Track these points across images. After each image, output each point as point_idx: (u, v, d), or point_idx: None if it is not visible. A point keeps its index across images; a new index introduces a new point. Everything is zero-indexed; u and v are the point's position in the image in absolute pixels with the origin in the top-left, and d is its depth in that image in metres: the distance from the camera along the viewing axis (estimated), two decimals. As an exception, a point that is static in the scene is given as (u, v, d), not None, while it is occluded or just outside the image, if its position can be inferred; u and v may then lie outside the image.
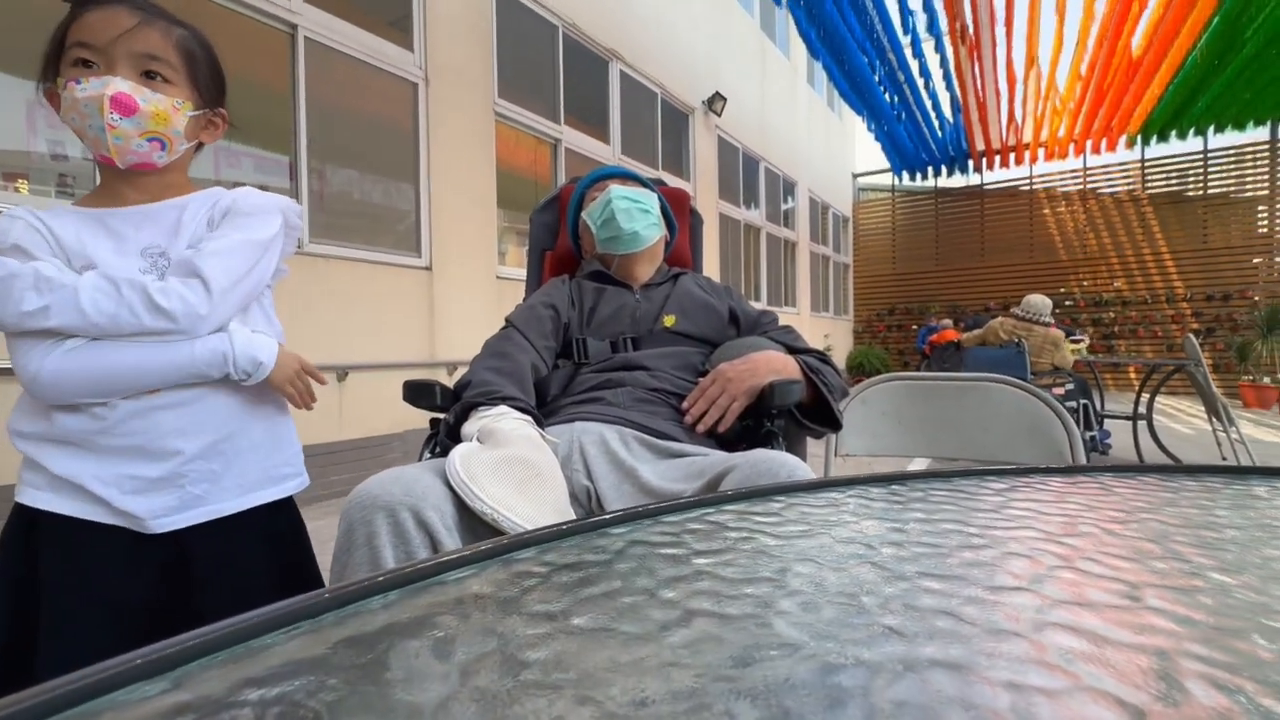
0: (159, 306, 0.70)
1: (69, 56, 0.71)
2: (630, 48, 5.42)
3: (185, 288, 0.72)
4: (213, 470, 0.77)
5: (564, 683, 0.18)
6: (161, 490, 0.74)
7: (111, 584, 0.73)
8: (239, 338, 0.76)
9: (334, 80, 3.23)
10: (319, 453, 2.97)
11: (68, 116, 0.72)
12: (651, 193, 1.23)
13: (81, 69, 0.71)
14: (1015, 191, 10.40)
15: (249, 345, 0.77)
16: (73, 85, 0.70)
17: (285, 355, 0.81)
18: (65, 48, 0.72)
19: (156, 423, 0.74)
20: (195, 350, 0.74)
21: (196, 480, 0.76)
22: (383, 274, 3.32)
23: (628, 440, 0.89)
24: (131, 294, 0.70)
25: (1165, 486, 0.41)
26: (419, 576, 0.25)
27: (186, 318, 0.72)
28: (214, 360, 0.75)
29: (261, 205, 0.84)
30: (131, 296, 0.69)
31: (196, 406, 0.76)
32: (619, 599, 0.24)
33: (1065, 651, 0.19)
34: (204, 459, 0.76)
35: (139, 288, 0.70)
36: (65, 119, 0.72)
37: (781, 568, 0.27)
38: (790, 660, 0.19)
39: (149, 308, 0.70)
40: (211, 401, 0.78)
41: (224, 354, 0.75)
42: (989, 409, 1.27)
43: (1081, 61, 6.67)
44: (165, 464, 0.74)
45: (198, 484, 0.76)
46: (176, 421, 0.75)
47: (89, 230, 0.74)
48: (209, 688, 0.18)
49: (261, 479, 0.82)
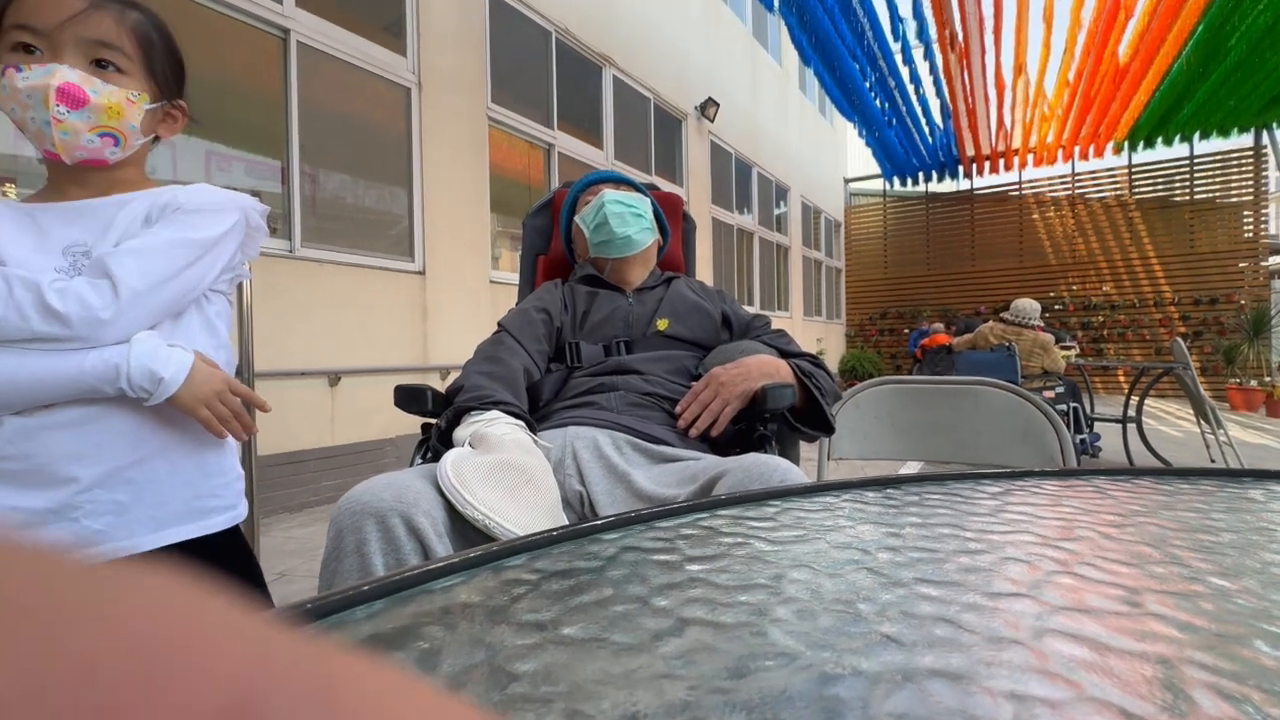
0: (51, 309, 0.60)
1: (8, 39, 0.64)
2: (623, 53, 5.43)
3: (90, 289, 0.63)
4: (116, 501, 0.66)
5: (553, 695, 0.17)
6: (51, 525, 0.64)
7: None
8: (139, 349, 0.65)
9: (326, 85, 3.22)
10: (311, 458, 2.94)
11: (7, 106, 0.65)
12: (644, 197, 1.23)
13: (22, 54, 0.64)
14: (1005, 196, 10.49)
15: (147, 357, 0.65)
16: (12, 72, 0.63)
17: (203, 373, 0.70)
18: (3, 29, 0.64)
19: (47, 444, 0.64)
20: (85, 361, 0.63)
21: (95, 513, 0.65)
22: (375, 278, 3.31)
23: (620, 444, 0.88)
24: (23, 294, 0.60)
25: (1159, 490, 0.41)
26: (405, 585, 0.25)
27: (84, 323, 0.62)
28: (105, 373, 0.63)
29: (212, 203, 0.75)
30: (22, 297, 0.60)
31: (96, 426, 0.66)
32: (611, 607, 0.23)
33: (1067, 659, 0.19)
34: (104, 488, 0.66)
35: (33, 287, 0.61)
36: (3, 107, 0.65)
37: (777, 574, 0.27)
38: (786, 671, 0.19)
39: (40, 310, 0.60)
40: (115, 421, 0.67)
41: (116, 366, 0.64)
42: (981, 413, 1.27)
43: (1069, 69, 6.75)
44: (56, 493, 0.64)
45: (97, 517, 0.65)
46: (71, 444, 0.64)
47: (11, 226, 0.67)
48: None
49: (182, 512, 0.71)
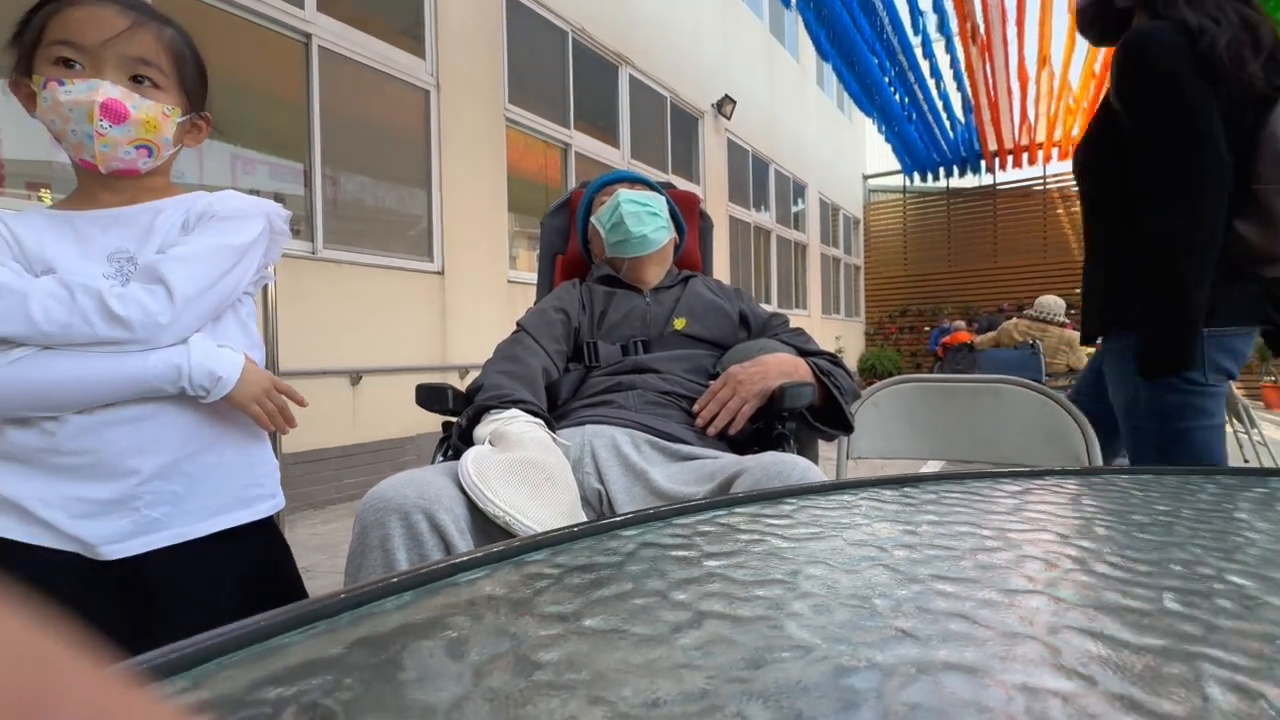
0: (115, 314, 0.65)
1: (49, 53, 0.67)
2: (639, 52, 5.44)
3: (146, 294, 0.67)
4: (173, 492, 0.71)
5: (576, 683, 0.18)
6: (114, 514, 0.68)
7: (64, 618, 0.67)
8: (197, 350, 0.70)
9: (347, 88, 3.27)
10: (333, 456, 2.99)
11: (47, 117, 0.68)
12: (660, 196, 1.24)
13: (63, 69, 0.67)
14: (1029, 191, 10.30)
15: (207, 358, 0.70)
16: (55, 86, 0.66)
17: (253, 372, 0.75)
18: (44, 42, 0.67)
19: (110, 439, 0.68)
20: (148, 362, 0.67)
21: (154, 503, 0.70)
22: (396, 279, 3.35)
23: (639, 443, 0.89)
24: (86, 300, 0.64)
25: (1183, 488, 0.40)
26: (433, 577, 0.25)
27: (144, 327, 0.66)
28: (167, 374, 0.68)
29: (240, 209, 0.78)
30: (86, 303, 0.64)
31: (154, 422, 0.70)
32: (630, 600, 0.24)
33: (1081, 654, 0.19)
34: (163, 479, 0.70)
35: (94, 294, 0.65)
36: (43, 118, 0.68)
37: (793, 570, 0.27)
38: (802, 662, 0.19)
39: (104, 315, 0.64)
40: (171, 417, 0.71)
41: (178, 367, 0.68)
42: (1003, 411, 1.26)
43: (1095, 60, 6.60)
44: (119, 485, 0.68)
45: (155, 507, 0.70)
46: (132, 438, 0.69)
47: (54, 233, 0.70)
48: (228, 686, 0.18)
49: (230, 501, 0.76)
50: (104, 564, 0.68)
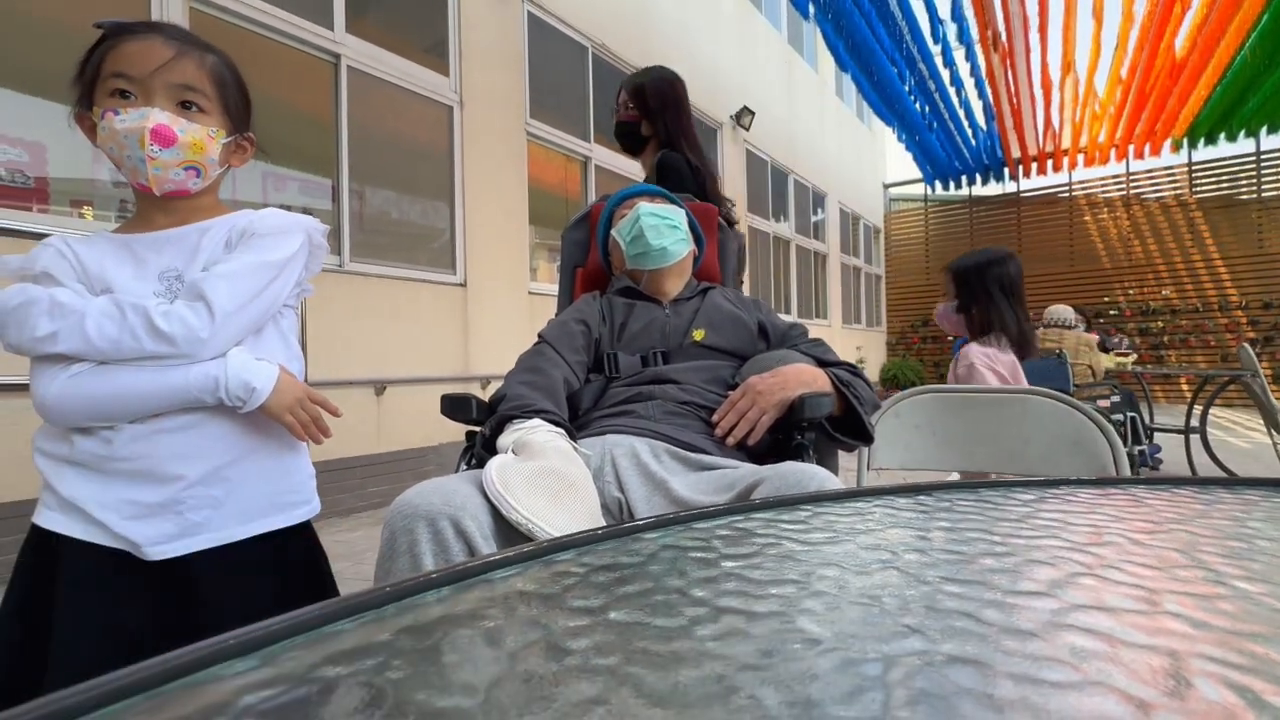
0: (159, 330, 0.70)
1: (106, 86, 0.72)
2: (658, 65, 5.50)
3: (189, 311, 0.72)
4: (214, 496, 0.76)
5: (603, 667, 0.20)
6: (160, 516, 0.73)
7: (114, 610, 0.73)
8: (234, 363, 0.75)
9: (374, 106, 3.37)
10: (358, 465, 3.05)
11: (105, 145, 0.73)
12: (679, 209, 1.26)
13: (119, 99, 0.72)
14: (1054, 199, 10.13)
15: (243, 371, 0.75)
16: (111, 115, 0.71)
17: (287, 383, 0.79)
18: (101, 76, 0.73)
19: (159, 446, 0.73)
20: (189, 375, 0.72)
21: (196, 507, 0.75)
22: (419, 291, 3.42)
23: (658, 453, 0.90)
24: (134, 318, 0.69)
25: (1199, 499, 0.41)
26: (468, 574, 0.27)
27: (187, 342, 0.71)
28: (206, 385, 0.73)
29: (280, 226, 0.83)
30: (134, 320, 0.69)
31: (199, 431, 0.75)
32: (652, 596, 0.26)
33: (1078, 650, 0.20)
34: (205, 485, 0.75)
35: (142, 312, 0.70)
36: (102, 147, 0.74)
37: (807, 571, 0.28)
38: (813, 653, 0.21)
39: (150, 331, 0.69)
40: (214, 426, 0.76)
41: (216, 379, 0.73)
42: (1028, 422, 1.25)
43: (1121, 65, 6.51)
44: (166, 489, 0.73)
45: (198, 510, 0.75)
46: (178, 446, 0.74)
47: (114, 255, 0.76)
48: (291, 665, 0.20)
49: (266, 507, 0.81)
50: (153, 563, 0.72)
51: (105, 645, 0.71)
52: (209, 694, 0.18)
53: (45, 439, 0.74)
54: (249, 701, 0.18)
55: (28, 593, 0.74)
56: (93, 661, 0.70)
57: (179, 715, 0.17)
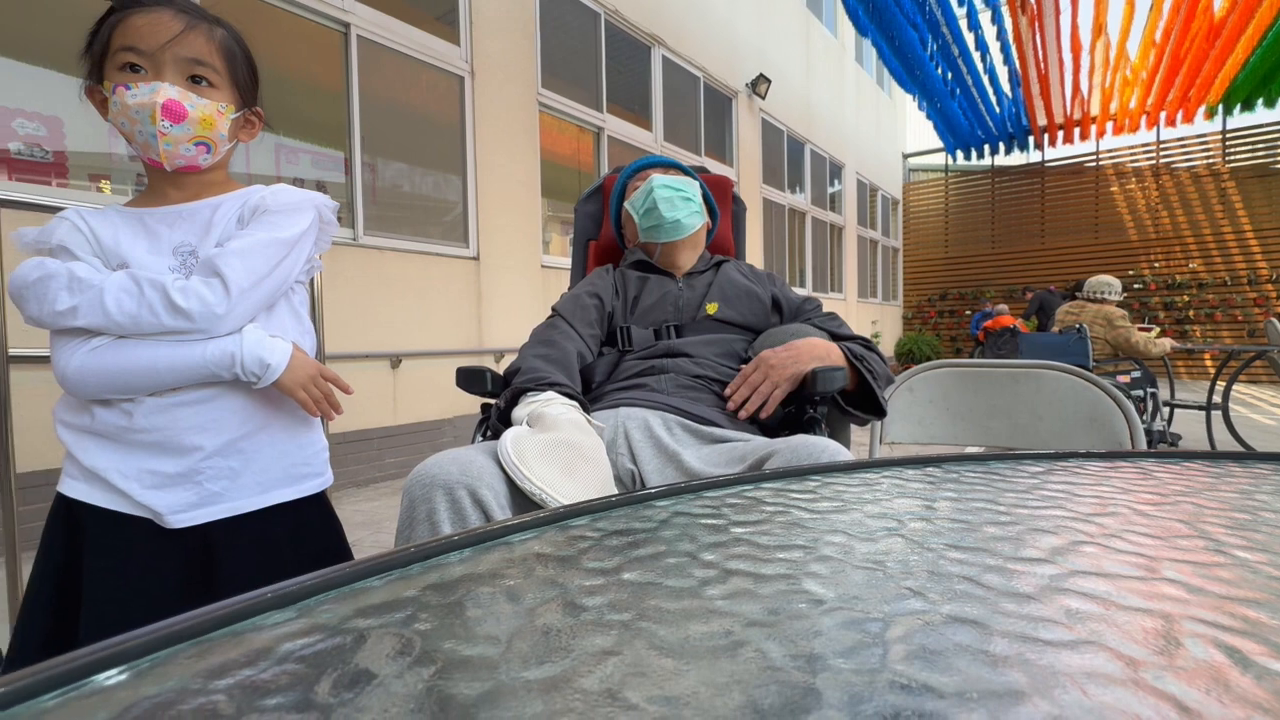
0: (177, 306, 0.71)
1: (116, 60, 0.72)
2: (672, 32, 5.37)
3: (205, 287, 0.73)
4: (231, 468, 0.78)
5: (617, 622, 0.21)
6: (179, 486, 0.75)
7: (142, 574, 0.75)
8: (249, 339, 0.76)
9: (385, 76, 3.34)
10: (375, 437, 3.11)
11: (117, 119, 0.73)
12: (693, 181, 1.25)
13: (129, 74, 0.72)
14: (1080, 168, 9.86)
15: (257, 347, 0.76)
16: (122, 90, 0.71)
17: (300, 360, 0.80)
18: (111, 50, 0.72)
19: (177, 419, 0.75)
20: (206, 350, 0.74)
21: (214, 477, 0.77)
22: (432, 264, 3.44)
23: (671, 425, 0.91)
24: (152, 293, 0.71)
25: (1208, 472, 0.41)
26: (488, 537, 0.29)
27: (203, 317, 0.72)
28: (222, 360, 0.74)
29: (292, 202, 0.83)
30: (152, 296, 0.70)
31: (215, 404, 0.77)
32: (664, 559, 0.27)
33: (1073, 612, 0.21)
34: (222, 456, 0.77)
35: (159, 287, 0.71)
36: (113, 121, 0.74)
37: (814, 538, 0.29)
38: (818, 612, 0.22)
39: (168, 307, 0.71)
40: (230, 400, 0.78)
41: (232, 354, 0.75)
42: (1044, 397, 1.24)
43: (1156, 28, 6.24)
44: (184, 460, 0.75)
45: (215, 481, 0.77)
46: (196, 418, 0.76)
47: (128, 230, 0.76)
48: (326, 617, 0.21)
49: (281, 478, 0.83)
50: (174, 531, 0.75)
51: (132, 607, 0.74)
52: (252, 641, 0.20)
53: (66, 410, 0.76)
54: (289, 648, 0.19)
55: (58, 557, 0.77)
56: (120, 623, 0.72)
57: (226, 659, 0.19)
